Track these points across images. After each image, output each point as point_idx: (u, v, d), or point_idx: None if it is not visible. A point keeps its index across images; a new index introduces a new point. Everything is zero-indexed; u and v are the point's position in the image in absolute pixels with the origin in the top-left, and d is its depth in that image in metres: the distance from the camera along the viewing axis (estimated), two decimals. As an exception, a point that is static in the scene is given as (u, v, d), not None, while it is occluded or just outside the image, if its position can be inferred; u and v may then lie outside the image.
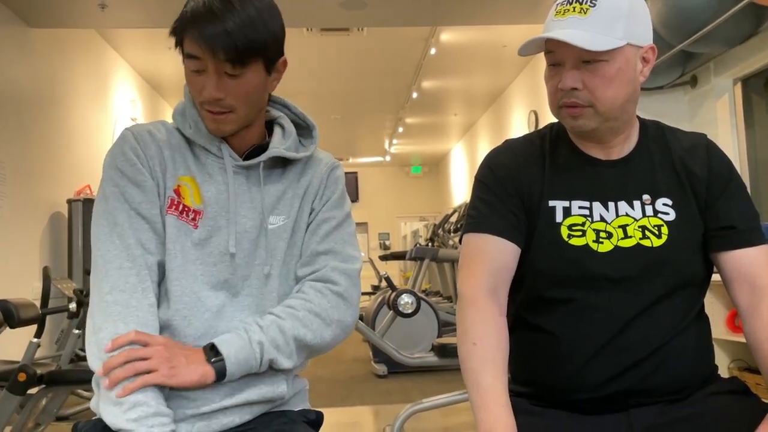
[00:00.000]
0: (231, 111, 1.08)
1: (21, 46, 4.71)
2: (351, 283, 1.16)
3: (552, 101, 1.14)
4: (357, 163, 13.32)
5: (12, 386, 2.43)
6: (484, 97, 8.74)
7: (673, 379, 1.08)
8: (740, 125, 4.00)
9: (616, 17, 1.05)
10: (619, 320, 1.09)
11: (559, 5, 1.09)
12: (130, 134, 1.14)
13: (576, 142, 1.18)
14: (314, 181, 1.19)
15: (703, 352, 1.15)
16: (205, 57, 1.04)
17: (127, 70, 6.82)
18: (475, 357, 1.06)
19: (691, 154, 1.16)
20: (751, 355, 4.22)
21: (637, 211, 1.12)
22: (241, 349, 1.05)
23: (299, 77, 7.32)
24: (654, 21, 3.55)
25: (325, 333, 1.13)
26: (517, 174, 1.16)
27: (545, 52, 1.12)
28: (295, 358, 1.10)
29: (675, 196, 1.14)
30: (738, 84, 3.99)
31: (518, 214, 1.15)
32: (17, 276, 4.47)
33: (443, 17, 5.23)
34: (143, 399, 0.98)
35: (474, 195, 1.21)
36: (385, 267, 7.62)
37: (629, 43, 1.07)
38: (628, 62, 1.08)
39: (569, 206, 1.13)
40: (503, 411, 1.02)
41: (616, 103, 1.09)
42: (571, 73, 1.07)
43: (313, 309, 1.12)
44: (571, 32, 1.04)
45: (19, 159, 4.58)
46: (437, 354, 3.21)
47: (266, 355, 1.06)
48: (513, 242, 1.13)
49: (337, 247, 1.17)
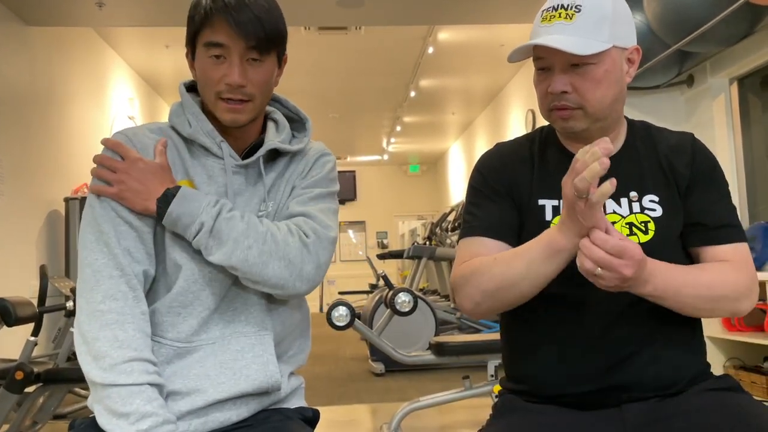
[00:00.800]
0: (250, 100, 1.11)
1: (19, 44, 4.71)
2: (320, 242, 1.12)
3: (542, 105, 1.17)
4: (355, 161, 13.32)
5: (9, 384, 2.43)
6: (481, 96, 8.75)
7: (663, 374, 1.10)
8: (736, 125, 4.01)
9: (601, 21, 1.08)
10: (609, 315, 1.11)
11: (545, 12, 1.12)
12: (125, 139, 1.13)
13: (565, 143, 1.21)
14: (300, 165, 1.21)
15: (695, 347, 1.16)
16: (232, 43, 1.08)
17: (124, 68, 6.81)
18: (501, 260, 1.10)
19: (676, 152, 1.19)
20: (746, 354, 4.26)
21: (624, 209, 1.15)
22: (186, 214, 1.07)
23: (297, 76, 7.32)
24: (650, 20, 3.55)
25: (271, 262, 1.07)
26: (506, 174, 1.20)
27: (534, 57, 1.15)
28: (222, 258, 1.07)
29: (661, 193, 1.16)
30: (734, 83, 4.00)
31: (510, 213, 1.18)
32: (14, 274, 4.47)
33: (441, 16, 5.24)
34: (150, 410, 0.99)
35: (467, 201, 1.24)
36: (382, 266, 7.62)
37: (615, 45, 1.10)
38: (615, 63, 1.11)
39: (558, 205, 1.15)
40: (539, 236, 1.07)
41: (604, 103, 1.12)
42: (560, 77, 1.10)
43: (275, 235, 1.09)
44: (559, 38, 1.07)
45: (16, 157, 4.58)
46: (434, 352, 3.21)
47: (200, 236, 1.07)
48: (505, 242, 1.16)
49: (312, 212, 1.15)
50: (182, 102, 1.18)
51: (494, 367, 3.04)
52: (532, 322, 1.17)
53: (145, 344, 1.04)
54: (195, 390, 1.07)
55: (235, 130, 1.15)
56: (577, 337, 1.11)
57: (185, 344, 1.10)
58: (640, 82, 4.02)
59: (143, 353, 1.03)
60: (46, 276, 2.98)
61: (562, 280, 1.09)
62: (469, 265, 1.14)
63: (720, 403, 1.06)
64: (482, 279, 1.10)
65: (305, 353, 1.25)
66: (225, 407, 1.09)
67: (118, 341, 1.02)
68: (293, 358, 1.21)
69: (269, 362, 1.12)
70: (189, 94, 1.19)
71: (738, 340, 3.55)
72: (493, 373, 3.05)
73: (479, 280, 1.11)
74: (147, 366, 1.03)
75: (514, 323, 1.21)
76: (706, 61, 3.97)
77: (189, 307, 1.10)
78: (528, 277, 1.07)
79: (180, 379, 1.08)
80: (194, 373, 1.08)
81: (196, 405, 1.07)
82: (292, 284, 1.09)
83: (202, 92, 1.14)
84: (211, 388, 1.08)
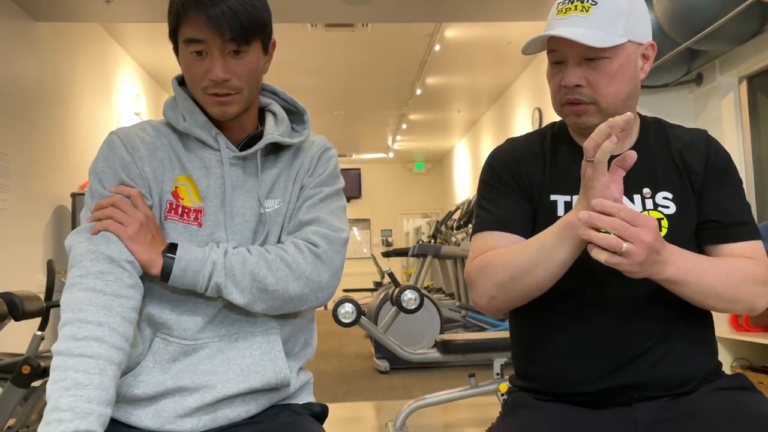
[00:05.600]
0: (237, 92, 1.09)
1: (26, 39, 4.72)
2: (332, 248, 1.11)
3: (555, 99, 1.15)
4: (360, 159, 13.31)
5: (16, 379, 2.44)
6: (488, 94, 8.72)
7: (675, 372, 1.09)
8: (745, 123, 3.99)
9: (617, 15, 1.08)
10: (620, 313, 1.10)
11: (561, 4, 1.11)
12: (116, 138, 1.12)
13: (577, 140, 1.19)
14: (305, 161, 1.18)
15: (706, 345, 1.15)
16: (209, 38, 1.04)
17: (131, 64, 6.82)
18: (514, 249, 1.09)
19: (690, 149, 1.17)
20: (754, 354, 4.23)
21: (638, 205, 1.13)
22: (195, 260, 1.05)
23: (303, 73, 7.30)
24: (660, 18, 3.53)
25: (291, 285, 1.07)
26: (517, 168, 1.19)
27: (548, 50, 1.13)
28: (248, 296, 1.07)
29: (675, 190, 1.14)
30: (743, 82, 3.98)
31: (523, 206, 1.17)
32: (21, 269, 4.48)
33: (448, 14, 5.22)
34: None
35: (479, 196, 1.23)
36: (387, 264, 7.62)
37: (630, 40, 1.09)
38: (630, 59, 1.10)
39: (571, 201, 1.15)
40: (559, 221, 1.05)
41: (618, 99, 1.10)
42: (574, 70, 1.09)
43: (285, 258, 1.08)
44: (574, 30, 1.07)
45: (23, 153, 4.59)
46: (439, 350, 3.21)
47: (215, 277, 1.05)
48: (519, 234, 1.15)
49: (322, 216, 1.14)
50: (175, 96, 1.17)
51: (500, 365, 3.03)
52: (543, 320, 1.16)
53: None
54: (203, 386, 1.07)
55: (230, 122, 1.13)
56: (588, 335, 1.11)
57: (192, 342, 1.09)
58: (649, 81, 4.00)
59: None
60: (53, 271, 2.98)
61: (574, 276, 1.07)
62: (483, 258, 1.12)
63: (731, 402, 1.05)
64: (495, 270, 1.08)
65: (312, 347, 1.24)
66: (234, 403, 1.09)
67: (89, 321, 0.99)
68: (301, 353, 1.21)
69: (278, 358, 1.11)
70: (182, 87, 1.17)
71: (745, 341, 3.53)
72: (499, 371, 3.04)
73: (493, 271, 1.09)
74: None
75: (524, 320, 1.20)
76: (715, 59, 3.94)
77: (193, 305, 1.10)
78: (540, 263, 1.04)
79: (188, 375, 1.07)
80: (202, 369, 1.08)
81: (205, 401, 1.07)
82: (314, 297, 1.10)
83: (190, 88, 1.13)
84: (219, 384, 1.07)
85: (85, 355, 0.95)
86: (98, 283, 1.02)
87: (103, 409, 0.94)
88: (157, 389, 1.07)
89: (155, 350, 1.09)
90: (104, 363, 0.96)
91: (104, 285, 1.02)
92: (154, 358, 1.09)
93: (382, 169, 13.74)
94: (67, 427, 0.89)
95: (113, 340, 0.98)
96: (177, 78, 1.18)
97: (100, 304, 1.00)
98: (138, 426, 1.07)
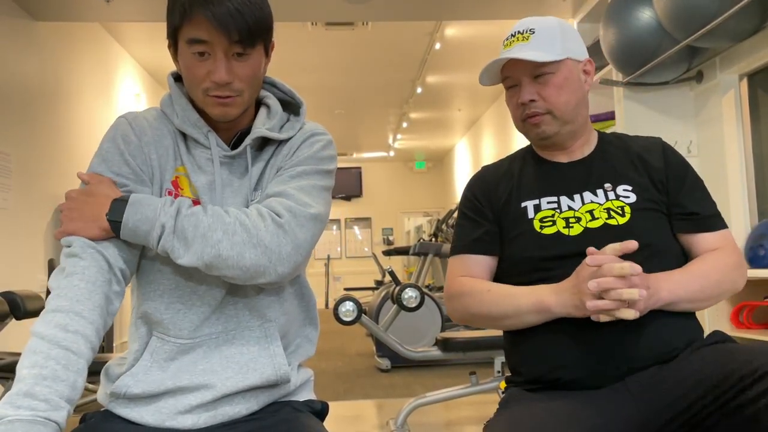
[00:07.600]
0: (238, 95, 1.08)
1: (26, 39, 4.72)
2: (296, 220, 1.04)
3: (515, 117, 1.33)
4: (361, 158, 13.31)
5: (18, 377, 2.44)
6: (488, 92, 8.72)
7: (661, 345, 1.16)
8: (746, 121, 3.98)
9: (553, 38, 1.29)
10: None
11: (505, 41, 1.33)
12: (124, 121, 1.13)
13: (542, 154, 1.36)
14: (290, 149, 1.16)
15: (689, 318, 1.22)
16: (214, 39, 1.03)
17: (131, 64, 6.82)
18: (493, 294, 1.25)
19: (647, 150, 1.33)
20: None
21: (601, 197, 1.27)
22: (143, 220, 1.01)
23: (303, 72, 7.31)
24: (660, 16, 3.53)
25: (246, 252, 1.01)
26: (488, 191, 1.36)
27: (503, 79, 1.33)
28: (198, 263, 1.01)
29: (634, 182, 1.28)
30: (744, 79, 3.97)
31: (491, 227, 1.32)
32: (23, 268, 4.49)
33: (448, 12, 5.22)
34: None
35: (456, 221, 1.39)
36: (388, 262, 7.62)
37: (569, 57, 1.29)
38: (572, 72, 1.30)
39: (539, 203, 1.29)
40: (534, 288, 1.20)
41: (569, 107, 1.29)
42: (527, 89, 1.28)
43: (245, 222, 1.02)
44: (520, 53, 1.27)
45: (24, 152, 4.60)
46: (440, 348, 3.21)
47: (163, 241, 1.02)
48: (488, 255, 1.31)
49: (290, 190, 1.08)
50: (170, 93, 1.16)
51: (501, 363, 3.04)
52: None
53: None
54: (203, 385, 1.07)
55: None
56: (573, 322, 1.16)
57: (188, 340, 1.09)
58: (649, 78, 3.99)
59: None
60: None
61: (548, 266, 1.20)
62: (463, 284, 1.29)
63: (709, 353, 1.13)
64: (472, 303, 1.26)
65: (312, 344, 1.24)
66: (234, 401, 1.09)
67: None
68: (299, 349, 1.21)
69: (276, 354, 1.11)
70: (177, 84, 1.16)
71: (746, 337, 3.54)
72: (500, 369, 3.05)
73: (469, 302, 1.26)
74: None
75: None
76: (715, 57, 3.94)
77: (188, 303, 1.09)
78: (512, 320, 1.22)
79: (186, 374, 1.08)
80: (200, 368, 1.08)
81: (206, 399, 1.07)
82: (273, 270, 1.02)
83: (188, 89, 1.11)
84: (219, 382, 1.07)
85: (70, 350, 0.94)
86: (99, 277, 1.01)
87: (71, 408, 0.93)
88: (157, 388, 1.07)
89: (152, 349, 1.10)
90: (84, 363, 0.95)
91: (104, 284, 1.02)
92: (152, 357, 1.09)
93: (383, 168, 13.74)
94: (40, 415, 0.88)
95: (95, 343, 0.98)
96: (173, 74, 1.18)
97: (97, 303, 1.00)
98: (138, 422, 1.07)
